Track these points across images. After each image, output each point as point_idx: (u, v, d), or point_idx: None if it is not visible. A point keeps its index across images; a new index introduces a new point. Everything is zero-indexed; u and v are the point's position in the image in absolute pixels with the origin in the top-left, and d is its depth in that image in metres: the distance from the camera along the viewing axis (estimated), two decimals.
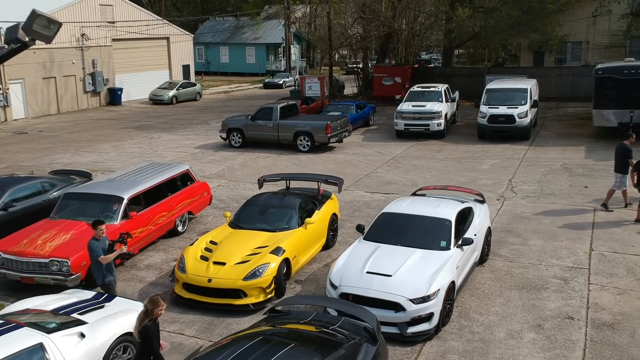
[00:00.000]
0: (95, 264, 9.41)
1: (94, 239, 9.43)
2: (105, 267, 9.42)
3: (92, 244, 9.39)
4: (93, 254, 9.35)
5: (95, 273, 9.55)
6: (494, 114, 23.71)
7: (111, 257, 9.46)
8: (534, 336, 9.19)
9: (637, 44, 38.16)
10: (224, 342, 6.85)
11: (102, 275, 9.46)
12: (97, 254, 9.32)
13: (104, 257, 9.36)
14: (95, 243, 9.39)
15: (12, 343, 7.05)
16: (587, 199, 15.90)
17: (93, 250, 9.34)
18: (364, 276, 9.47)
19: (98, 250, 9.34)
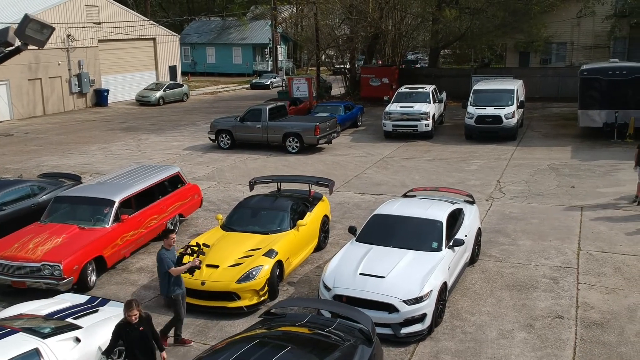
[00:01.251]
0: (163, 275, 8.99)
1: (163, 249, 9.03)
2: (173, 279, 8.99)
3: (163, 254, 8.97)
4: (163, 265, 8.93)
5: (162, 284, 9.15)
6: (482, 114, 23.92)
7: (183, 270, 9.03)
8: (525, 335, 9.32)
9: (620, 45, 38.68)
10: (220, 345, 6.89)
11: (169, 288, 9.02)
12: (167, 265, 8.90)
13: (176, 269, 8.93)
14: (165, 253, 8.97)
15: (8, 349, 7.04)
16: (574, 199, 16.10)
17: (163, 260, 8.93)
18: (357, 278, 9.55)
19: (169, 262, 8.92)
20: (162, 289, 9.25)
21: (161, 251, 9.02)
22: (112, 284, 11.69)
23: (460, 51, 53.56)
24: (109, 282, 11.82)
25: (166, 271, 8.90)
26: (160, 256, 8.97)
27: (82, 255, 11.02)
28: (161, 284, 9.20)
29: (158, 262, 9.04)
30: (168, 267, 8.89)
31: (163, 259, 8.93)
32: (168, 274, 8.92)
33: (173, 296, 9.04)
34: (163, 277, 9.05)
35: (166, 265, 8.91)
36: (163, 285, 9.12)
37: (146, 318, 7.53)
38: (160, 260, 8.96)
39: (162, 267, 8.96)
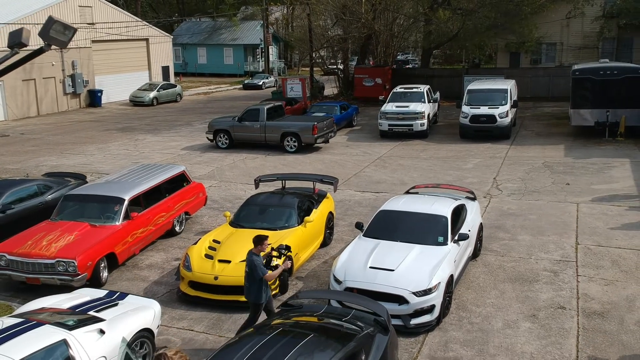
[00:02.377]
0: (258, 281, 8.75)
1: (254, 254, 8.81)
2: (265, 285, 8.83)
3: (257, 260, 8.74)
4: (258, 271, 8.69)
5: (252, 290, 8.86)
6: (476, 114, 24.33)
7: (276, 274, 8.91)
8: (530, 325, 9.67)
9: (609, 46, 39.35)
10: (248, 333, 7.16)
11: (260, 294, 8.82)
12: (262, 272, 8.70)
13: (270, 275, 8.78)
14: (258, 259, 8.76)
15: (37, 340, 7.25)
16: (569, 195, 16.52)
17: (258, 267, 8.69)
18: (367, 271, 9.86)
19: (263, 268, 8.75)
20: (251, 295, 8.89)
21: (254, 257, 8.78)
22: (124, 280, 11.91)
23: (451, 52, 54.18)
24: (120, 278, 12.04)
25: (261, 277, 8.71)
26: (254, 262, 8.73)
27: (95, 252, 11.23)
28: (251, 289, 8.86)
29: (251, 268, 8.76)
30: (263, 274, 8.71)
31: (258, 265, 8.72)
32: (261, 280, 8.74)
33: (262, 303, 8.89)
34: (256, 283, 8.78)
35: (261, 272, 8.71)
36: (253, 292, 8.84)
37: None
38: (255, 266, 8.71)
39: (256, 273, 8.71)
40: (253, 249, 8.88)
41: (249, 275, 8.82)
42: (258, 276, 8.71)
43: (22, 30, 11.16)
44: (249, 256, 8.85)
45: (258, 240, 8.88)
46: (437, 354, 8.98)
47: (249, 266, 8.81)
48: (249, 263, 8.83)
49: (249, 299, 8.98)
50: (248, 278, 8.85)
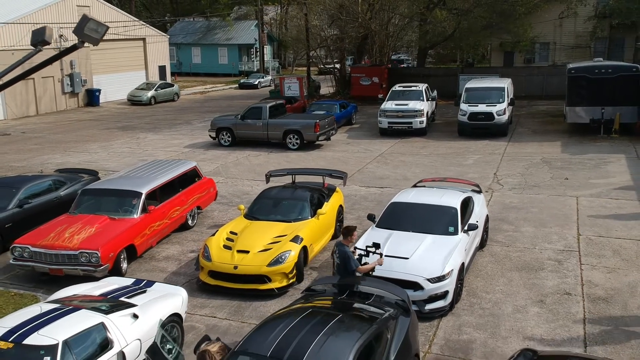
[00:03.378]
0: (350, 273, 8.82)
1: (346, 246, 8.88)
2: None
3: (349, 251, 8.78)
4: (350, 263, 8.75)
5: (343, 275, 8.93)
6: (474, 111, 24.83)
7: (369, 268, 9.03)
8: (538, 310, 10.13)
9: (601, 45, 40.06)
10: (277, 314, 7.56)
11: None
12: (355, 264, 8.81)
13: (364, 267, 8.92)
14: (349, 251, 8.80)
15: (77, 323, 7.61)
16: (569, 189, 17.02)
17: (351, 259, 8.74)
18: (383, 259, 10.26)
19: (355, 260, 8.83)
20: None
21: (345, 248, 8.84)
22: (143, 271, 12.26)
23: (444, 52, 54.79)
24: (139, 269, 12.38)
25: (353, 270, 8.80)
26: (347, 254, 8.78)
27: (117, 244, 11.58)
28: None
29: (343, 260, 8.83)
30: (356, 266, 8.81)
31: (350, 256, 8.79)
32: (353, 273, 8.82)
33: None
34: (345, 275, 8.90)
35: (354, 264, 8.80)
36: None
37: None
38: (347, 258, 8.77)
39: (349, 265, 8.77)
40: (342, 240, 8.98)
41: (339, 267, 8.88)
42: (351, 268, 8.75)
43: (45, 29, 11.54)
44: (340, 248, 8.86)
45: (347, 232, 8.97)
46: (452, 336, 9.41)
47: (341, 258, 8.84)
48: (341, 255, 8.84)
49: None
50: (338, 269, 8.93)
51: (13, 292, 11.21)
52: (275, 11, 74.68)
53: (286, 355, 6.46)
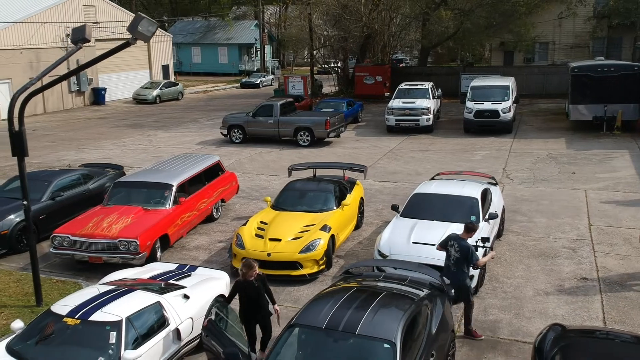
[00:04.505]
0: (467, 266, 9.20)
1: (464, 240, 9.25)
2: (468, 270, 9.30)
3: (470, 246, 9.15)
4: (473, 256, 9.13)
5: (463, 275, 9.23)
6: (480, 109, 25.46)
7: (486, 261, 9.47)
8: (557, 293, 10.72)
9: (599, 45, 40.82)
10: (325, 291, 8.11)
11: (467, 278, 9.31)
12: (476, 257, 9.14)
13: (482, 261, 9.30)
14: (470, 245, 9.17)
15: (136, 302, 8.12)
16: (577, 183, 17.66)
17: (473, 252, 9.12)
18: (411, 246, 10.85)
19: (476, 253, 9.16)
20: (459, 280, 9.19)
21: (466, 242, 9.18)
22: (176, 260, 12.74)
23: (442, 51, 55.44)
24: (171, 258, 12.89)
25: (474, 263, 9.17)
26: (470, 247, 9.14)
27: (153, 233, 12.10)
28: (458, 274, 9.22)
29: (463, 253, 9.10)
30: (477, 259, 9.19)
31: (473, 251, 9.12)
32: (469, 266, 9.20)
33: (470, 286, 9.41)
34: (465, 268, 9.21)
35: (475, 257, 9.14)
36: (461, 276, 9.21)
37: (262, 277, 8.59)
38: (470, 251, 9.10)
39: (471, 259, 9.12)
40: (462, 234, 9.33)
41: (458, 260, 9.18)
42: (472, 262, 9.13)
43: (84, 27, 12.11)
44: (462, 242, 9.19)
45: (472, 228, 9.32)
46: (478, 317, 9.99)
47: (461, 251, 9.13)
48: (463, 248, 9.12)
49: (455, 282, 9.12)
50: (457, 263, 9.20)
51: (55, 279, 11.70)
52: (274, 11, 75.12)
53: (341, 327, 7.02)
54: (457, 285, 9.16)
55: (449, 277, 9.15)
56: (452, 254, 9.32)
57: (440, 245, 9.69)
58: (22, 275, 11.99)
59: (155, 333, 8.02)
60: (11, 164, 22.78)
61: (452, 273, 9.26)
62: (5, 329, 9.76)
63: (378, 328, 7.00)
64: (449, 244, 9.42)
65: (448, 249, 9.43)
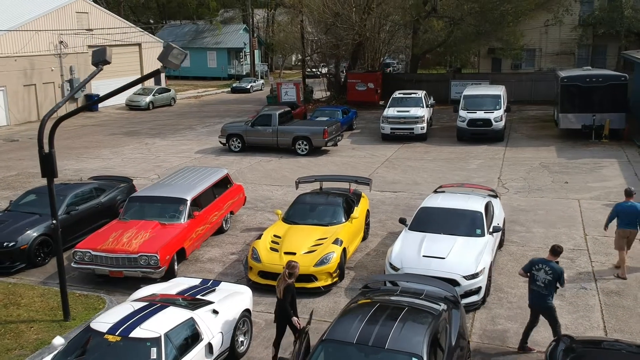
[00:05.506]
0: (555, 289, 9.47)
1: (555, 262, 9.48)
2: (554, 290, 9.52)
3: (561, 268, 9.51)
4: (563, 279, 9.43)
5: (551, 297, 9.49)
6: (473, 118, 26.17)
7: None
8: (559, 303, 11.34)
9: (584, 52, 41.86)
10: (351, 307, 8.63)
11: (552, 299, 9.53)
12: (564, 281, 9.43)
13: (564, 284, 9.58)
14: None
15: (171, 318, 8.58)
16: (570, 192, 18.38)
17: (563, 275, 9.39)
18: (422, 259, 11.42)
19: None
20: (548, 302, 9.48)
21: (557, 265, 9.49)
22: (192, 272, 13.22)
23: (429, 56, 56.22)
24: (187, 270, 13.36)
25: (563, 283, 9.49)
26: (562, 270, 9.46)
27: (171, 247, 12.56)
28: (549, 297, 9.47)
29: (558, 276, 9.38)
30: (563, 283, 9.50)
31: (562, 273, 9.43)
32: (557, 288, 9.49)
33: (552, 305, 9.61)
34: (553, 291, 9.45)
35: (564, 278, 9.49)
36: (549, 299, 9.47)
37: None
38: (562, 274, 9.42)
39: (561, 281, 9.42)
40: (549, 257, 9.59)
41: (550, 282, 9.39)
42: (563, 282, 9.44)
43: (105, 49, 12.59)
44: (553, 265, 9.44)
45: (559, 250, 9.59)
46: (487, 327, 10.60)
47: (554, 273, 9.36)
48: (554, 271, 9.37)
49: (542, 305, 9.52)
50: (548, 285, 9.40)
51: (77, 293, 12.10)
52: (262, 15, 75.58)
53: (371, 341, 7.56)
54: (545, 306, 9.50)
55: (535, 300, 9.56)
56: (540, 277, 9.47)
57: (523, 270, 9.83)
58: (44, 289, 12.39)
59: (190, 348, 8.50)
60: (14, 174, 23.10)
61: (541, 296, 9.48)
62: (37, 344, 10.18)
63: (405, 342, 7.55)
64: (535, 268, 9.57)
65: (534, 273, 9.59)
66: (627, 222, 12.44)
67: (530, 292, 9.69)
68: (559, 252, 9.58)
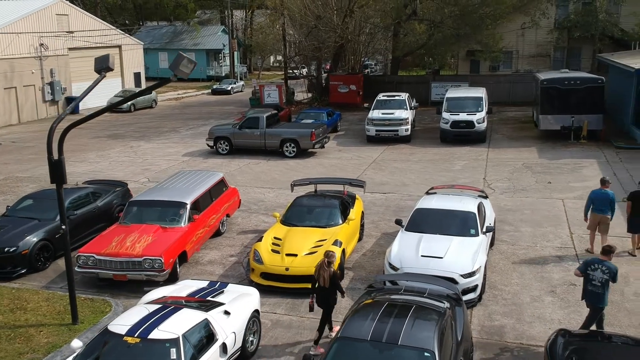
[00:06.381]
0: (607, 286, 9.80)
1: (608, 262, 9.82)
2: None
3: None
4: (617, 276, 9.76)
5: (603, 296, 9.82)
6: (456, 120, 26.78)
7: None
8: (551, 299, 11.90)
9: (560, 54, 42.92)
10: (361, 306, 9.00)
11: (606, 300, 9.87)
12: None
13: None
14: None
15: (187, 319, 8.85)
16: (554, 192, 19.02)
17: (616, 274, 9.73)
18: (420, 259, 11.84)
19: None
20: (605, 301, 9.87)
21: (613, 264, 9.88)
22: (193, 275, 13.47)
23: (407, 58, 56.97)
24: (189, 273, 13.59)
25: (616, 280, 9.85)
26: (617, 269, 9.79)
27: (174, 250, 12.80)
28: (605, 295, 9.87)
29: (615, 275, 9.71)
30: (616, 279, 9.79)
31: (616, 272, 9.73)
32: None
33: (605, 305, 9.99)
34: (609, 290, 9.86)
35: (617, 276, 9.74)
36: (606, 297, 9.88)
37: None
38: (616, 274, 9.77)
39: (615, 279, 9.80)
40: (603, 256, 9.97)
41: (607, 281, 9.80)
42: (616, 280, 9.83)
43: (107, 56, 12.83)
44: (607, 264, 9.83)
45: (611, 250, 10.00)
46: (485, 323, 11.07)
47: (610, 272, 9.75)
48: (611, 270, 9.76)
49: (598, 305, 9.91)
50: (605, 284, 9.81)
51: (82, 297, 12.25)
52: (241, 16, 75.57)
53: (384, 338, 7.95)
54: (601, 306, 9.89)
55: (592, 300, 9.92)
56: (597, 277, 9.83)
57: (579, 271, 10.12)
58: (49, 294, 12.53)
59: (206, 348, 8.78)
60: (1, 178, 22.97)
61: (597, 295, 9.86)
62: (48, 347, 10.36)
63: (417, 338, 7.95)
64: (591, 268, 9.91)
65: (589, 273, 9.92)
66: (599, 208, 13.87)
67: (586, 292, 10.03)
68: (610, 251, 9.96)
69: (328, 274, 10.09)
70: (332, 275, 10.11)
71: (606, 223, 13.93)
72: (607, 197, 13.89)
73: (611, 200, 13.84)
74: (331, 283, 10.09)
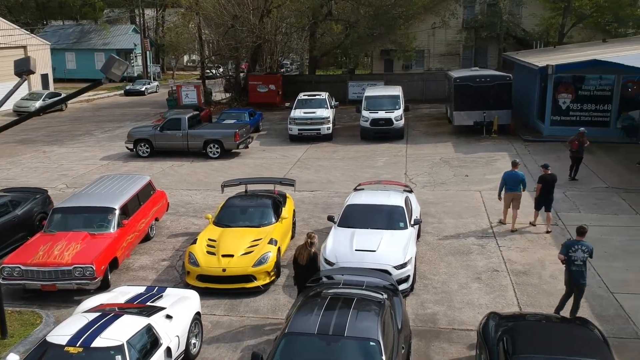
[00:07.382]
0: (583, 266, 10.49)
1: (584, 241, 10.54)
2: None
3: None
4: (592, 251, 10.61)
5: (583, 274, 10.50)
6: (375, 117, 27.52)
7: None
8: (478, 285, 12.62)
9: (468, 53, 45.04)
10: (304, 302, 9.21)
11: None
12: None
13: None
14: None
15: (129, 326, 8.75)
16: (471, 185, 20.02)
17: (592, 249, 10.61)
18: (355, 253, 12.22)
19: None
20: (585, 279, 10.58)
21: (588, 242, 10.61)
22: (126, 281, 13.19)
23: (326, 58, 57.84)
24: (120, 279, 13.29)
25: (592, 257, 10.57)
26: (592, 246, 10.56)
27: (106, 257, 12.50)
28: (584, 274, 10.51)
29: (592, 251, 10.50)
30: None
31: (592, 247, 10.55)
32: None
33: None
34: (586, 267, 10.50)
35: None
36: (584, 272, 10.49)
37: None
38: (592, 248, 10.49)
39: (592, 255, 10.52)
40: (579, 237, 10.58)
41: (586, 259, 10.47)
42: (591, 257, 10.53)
43: (29, 59, 12.38)
44: (585, 243, 10.47)
45: (584, 230, 10.64)
46: (418, 311, 11.60)
47: (589, 250, 10.46)
48: (589, 248, 10.46)
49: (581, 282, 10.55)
50: (585, 261, 10.48)
51: (9, 310, 11.73)
52: (152, 15, 73.65)
53: (330, 331, 8.21)
54: (583, 282, 10.57)
55: (576, 279, 10.53)
56: (579, 257, 10.48)
57: (562, 254, 10.69)
58: None
59: (151, 353, 8.72)
60: None
61: (580, 273, 10.52)
62: None
63: (362, 329, 8.28)
64: (572, 250, 10.54)
65: (570, 255, 10.53)
66: (511, 187, 15.54)
67: (569, 273, 10.65)
68: (585, 231, 10.68)
69: (308, 253, 10.79)
70: (312, 255, 10.79)
71: (518, 199, 15.54)
72: (517, 177, 15.54)
73: (521, 179, 15.54)
74: (310, 261, 10.77)
